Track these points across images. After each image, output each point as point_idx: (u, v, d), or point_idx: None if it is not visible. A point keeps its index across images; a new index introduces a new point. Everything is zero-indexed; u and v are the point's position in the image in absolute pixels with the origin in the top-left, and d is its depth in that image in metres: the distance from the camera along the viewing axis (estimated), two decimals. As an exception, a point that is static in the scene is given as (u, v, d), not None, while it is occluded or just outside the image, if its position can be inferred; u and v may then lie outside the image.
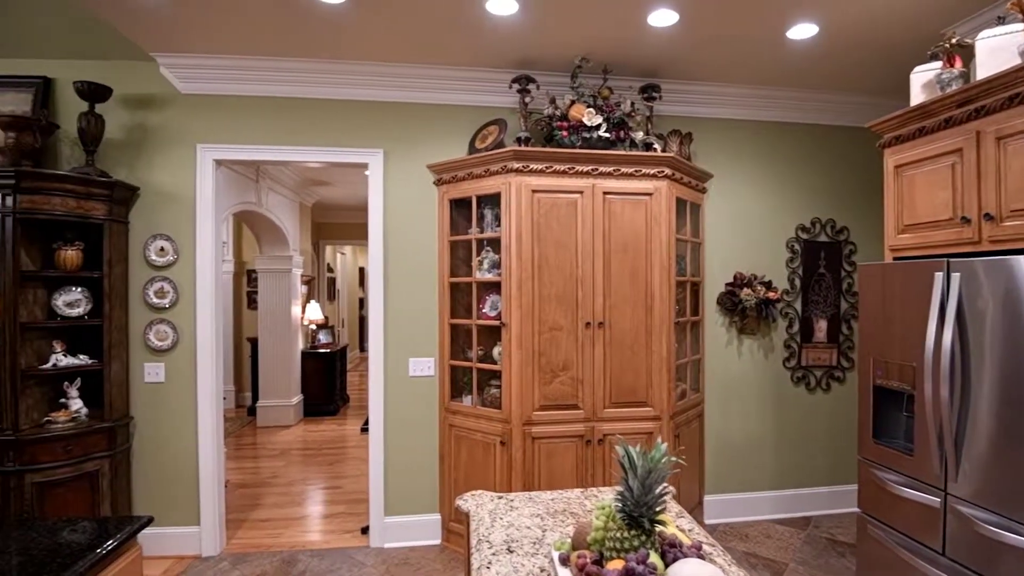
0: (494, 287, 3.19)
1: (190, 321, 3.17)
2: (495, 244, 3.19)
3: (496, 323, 3.10)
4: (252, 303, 7.18)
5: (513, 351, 2.98)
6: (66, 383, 2.87)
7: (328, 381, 7.08)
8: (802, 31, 2.82)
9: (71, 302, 2.85)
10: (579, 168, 3.02)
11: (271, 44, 2.97)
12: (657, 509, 1.13)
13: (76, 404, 2.86)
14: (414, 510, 3.40)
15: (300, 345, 6.70)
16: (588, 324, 3.02)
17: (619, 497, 1.16)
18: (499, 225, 3.11)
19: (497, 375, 3.14)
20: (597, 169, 3.04)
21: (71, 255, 2.81)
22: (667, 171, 3.09)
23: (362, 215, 9.05)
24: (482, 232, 3.21)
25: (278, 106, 3.30)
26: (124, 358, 3.06)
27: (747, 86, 3.56)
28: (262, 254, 6.26)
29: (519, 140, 3.11)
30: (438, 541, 3.39)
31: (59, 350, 2.82)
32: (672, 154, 3.17)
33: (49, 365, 2.80)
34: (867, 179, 3.88)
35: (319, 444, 5.79)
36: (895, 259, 2.41)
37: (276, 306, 6.30)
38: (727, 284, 3.68)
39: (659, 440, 1.19)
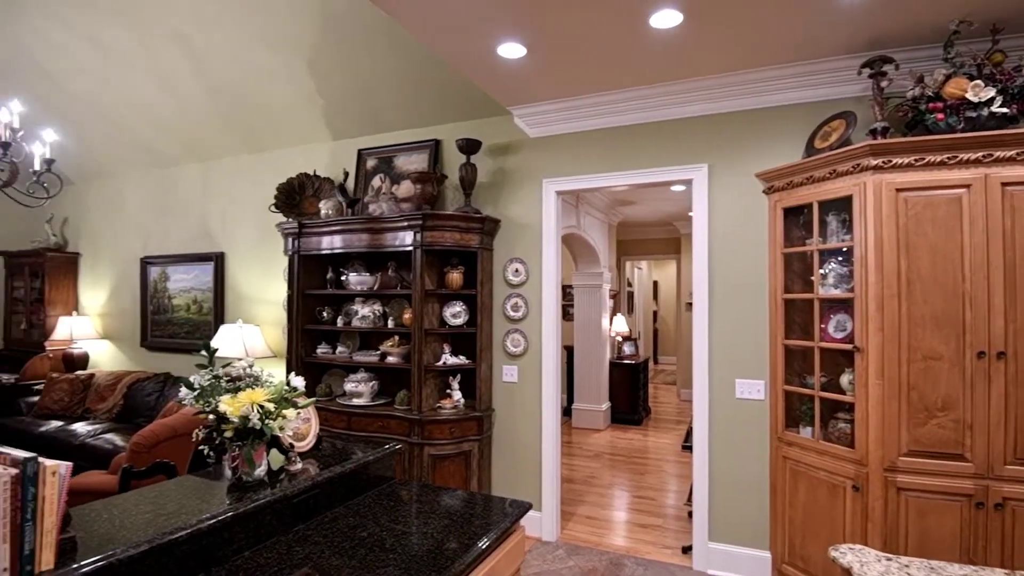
0: (841, 305, 2.80)
1: (537, 331, 3.67)
2: (842, 255, 2.81)
3: (845, 347, 2.71)
4: (567, 315, 7.90)
5: (871, 381, 2.55)
6: (450, 377, 3.63)
7: (632, 391, 7.28)
8: None
9: (455, 313, 3.61)
10: (963, 156, 2.43)
11: (604, 80, 3.23)
12: None
13: (457, 395, 3.59)
14: (739, 541, 3.21)
15: (608, 355, 7.07)
16: (981, 354, 2.39)
17: None
18: (848, 233, 2.73)
19: (846, 407, 2.74)
20: (991, 155, 2.40)
21: (455, 276, 3.57)
22: (1115, 148, 2.26)
23: (660, 231, 9.15)
24: (824, 242, 2.86)
25: (607, 136, 3.57)
26: (489, 360, 3.72)
27: None
28: (577, 271, 6.85)
29: (874, 132, 2.68)
30: (768, 580, 3.13)
31: (447, 351, 3.60)
32: (1125, 124, 2.30)
33: (440, 363, 3.59)
34: None
35: (628, 452, 5.98)
36: None
37: (588, 318, 6.80)
38: None
39: None
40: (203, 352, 1.85)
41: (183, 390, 1.69)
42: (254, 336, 4.53)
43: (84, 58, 4.47)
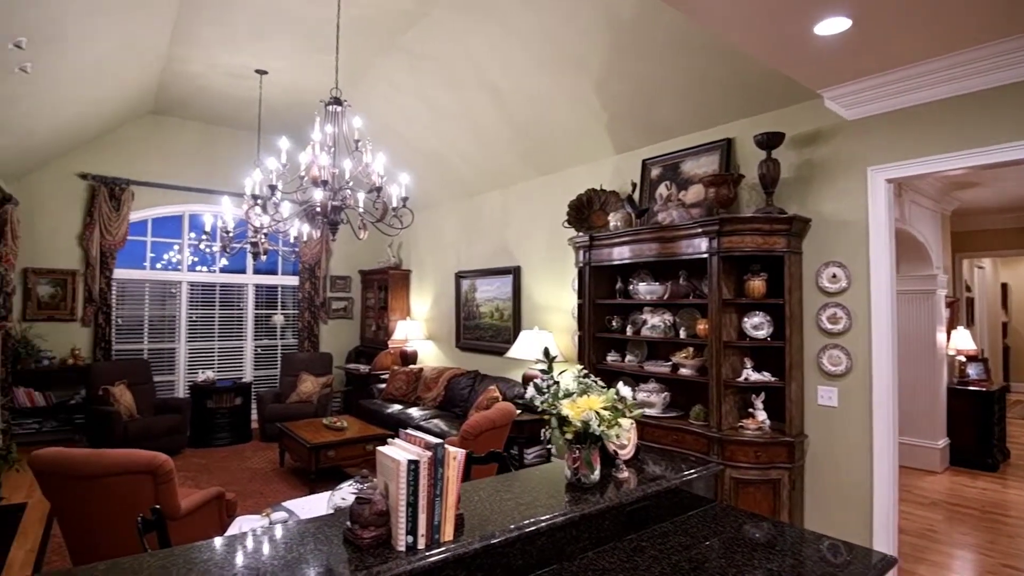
0: None
1: (864, 348, 3.12)
2: None
3: None
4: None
5: None
6: (753, 395, 3.33)
7: (983, 427, 5.70)
8: None
9: (756, 325, 3.31)
10: None
11: (951, 39, 2.58)
12: None
13: (761, 415, 3.28)
14: None
15: (944, 379, 5.68)
16: None
17: None
18: None
19: None
20: None
21: (757, 284, 3.27)
22: None
23: (1012, 218, 7.09)
24: None
25: (951, 107, 2.85)
26: (800, 379, 3.30)
27: None
28: (899, 274, 5.67)
29: None
30: None
31: (748, 366, 3.32)
32: None
33: (741, 379, 3.32)
34: None
35: (980, 505, 4.69)
36: None
37: (915, 332, 5.57)
38: None
39: None
40: (543, 358, 2.05)
41: (530, 389, 1.88)
42: (548, 342, 4.90)
43: (416, 114, 5.50)
